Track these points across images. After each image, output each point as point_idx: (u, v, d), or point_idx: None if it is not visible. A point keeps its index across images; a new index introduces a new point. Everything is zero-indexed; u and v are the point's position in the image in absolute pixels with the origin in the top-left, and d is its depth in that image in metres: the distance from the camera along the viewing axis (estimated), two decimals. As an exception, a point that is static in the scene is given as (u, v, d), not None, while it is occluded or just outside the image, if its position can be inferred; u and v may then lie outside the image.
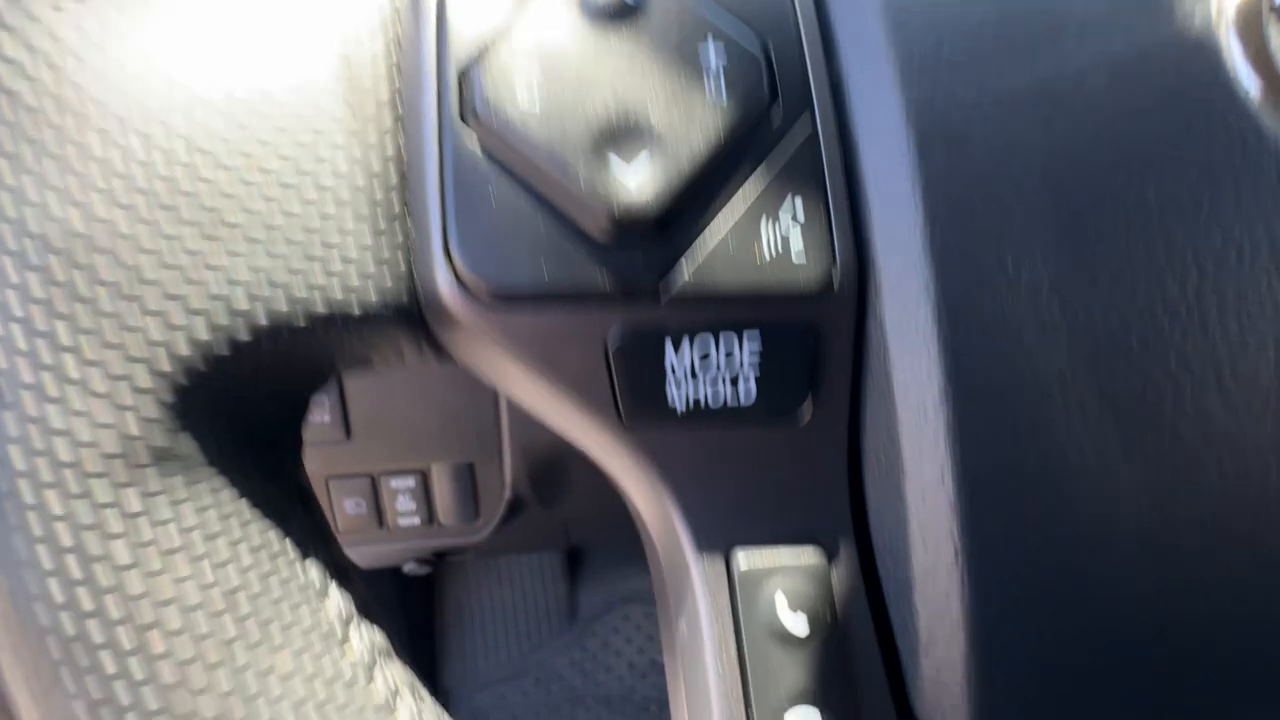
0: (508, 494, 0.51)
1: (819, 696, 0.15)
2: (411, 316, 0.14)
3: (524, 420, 0.48)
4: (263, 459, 0.15)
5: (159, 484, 0.12)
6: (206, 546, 0.13)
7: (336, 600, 0.15)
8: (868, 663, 0.15)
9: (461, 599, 0.84)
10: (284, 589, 0.14)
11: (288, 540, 0.14)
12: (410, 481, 0.50)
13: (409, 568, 0.69)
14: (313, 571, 0.14)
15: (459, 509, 0.51)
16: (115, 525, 0.12)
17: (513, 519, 0.56)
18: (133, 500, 0.12)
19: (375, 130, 0.14)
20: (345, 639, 0.14)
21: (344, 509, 0.51)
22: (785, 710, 0.15)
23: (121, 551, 0.12)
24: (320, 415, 0.46)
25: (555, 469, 0.51)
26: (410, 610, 0.81)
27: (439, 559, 0.69)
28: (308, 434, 0.48)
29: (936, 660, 0.14)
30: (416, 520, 0.52)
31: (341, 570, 0.15)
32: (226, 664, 0.13)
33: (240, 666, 0.13)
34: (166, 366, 0.12)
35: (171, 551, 0.12)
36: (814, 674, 0.15)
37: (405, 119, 0.14)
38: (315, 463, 0.50)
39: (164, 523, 0.12)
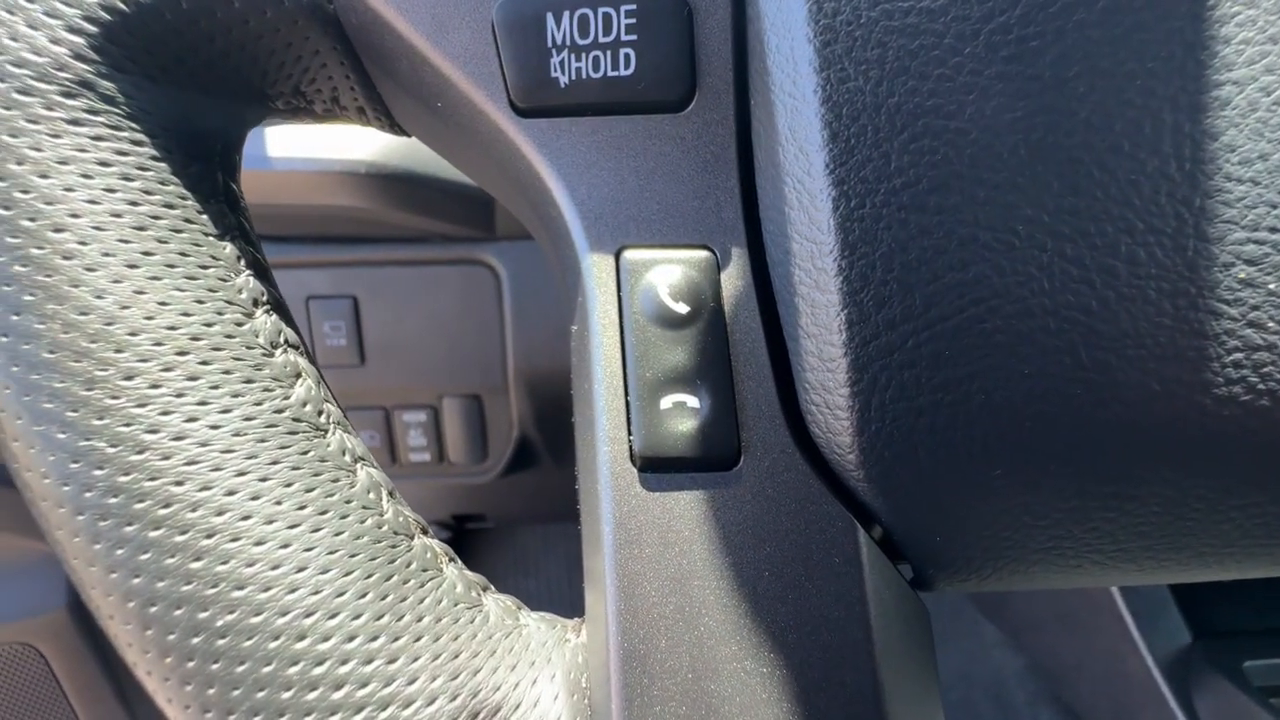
0: (515, 433, 0.52)
1: (698, 375, 0.14)
2: (327, 16, 0.15)
3: (528, 353, 0.49)
4: (192, 150, 0.16)
5: (78, 118, 0.14)
6: (121, 176, 0.14)
7: (246, 281, 0.15)
8: (749, 345, 0.14)
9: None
10: (193, 244, 0.14)
11: (206, 217, 0.15)
12: (422, 416, 0.51)
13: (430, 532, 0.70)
14: (226, 249, 0.15)
15: (468, 446, 0.52)
16: (34, 139, 0.13)
17: (523, 468, 0.57)
18: (57, 122, 0.13)
19: None
20: (250, 314, 0.15)
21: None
22: (663, 391, 0.14)
23: (33, 155, 0.13)
24: (336, 339, 0.48)
25: (560, 409, 0.51)
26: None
27: (459, 524, 0.70)
28: (325, 358, 0.51)
29: (818, 342, 0.13)
30: (427, 456, 0.53)
31: (262, 271, 0.16)
32: (119, 286, 0.13)
33: (133, 291, 0.14)
34: (85, 19, 0.14)
35: (83, 174, 0.13)
36: (693, 354, 0.14)
37: None
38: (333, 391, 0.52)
39: (78, 151, 0.13)
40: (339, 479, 0.15)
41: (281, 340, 0.16)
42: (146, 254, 0.14)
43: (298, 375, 0.15)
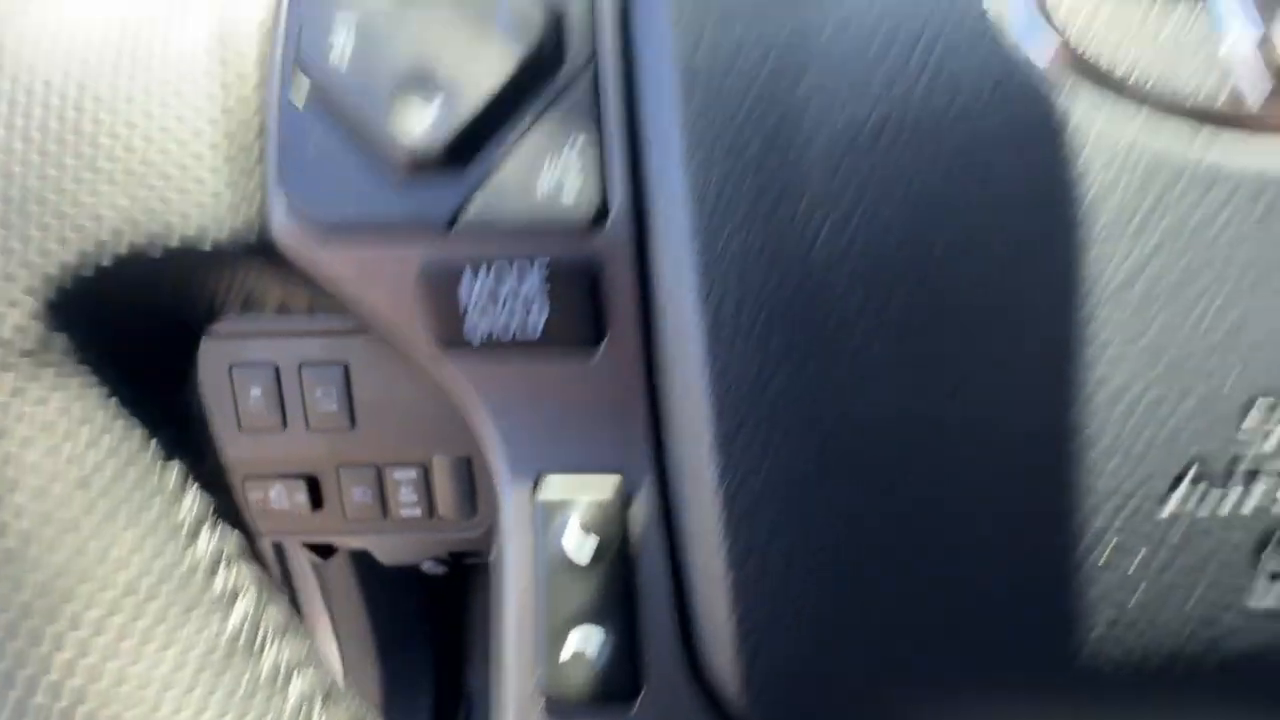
0: (503, 491, 0.53)
1: (603, 614, 0.15)
2: (262, 253, 0.16)
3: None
4: (143, 376, 0.17)
5: (29, 378, 0.15)
6: (65, 434, 0.15)
7: (192, 503, 0.16)
8: (654, 588, 0.15)
9: (490, 605, 0.86)
10: (138, 482, 0.16)
11: (153, 443, 0.16)
12: (412, 473, 0.52)
13: (427, 566, 0.71)
14: (172, 475, 0.16)
15: (458, 503, 0.53)
16: None
17: (513, 519, 0.58)
18: (3, 388, 0.14)
19: (245, 85, 0.16)
20: (194, 537, 0.16)
21: (352, 497, 0.54)
22: (568, 629, 0.15)
23: None
24: (328, 404, 0.49)
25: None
26: (437, 611, 0.83)
27: (455, 560, 0.71)
28: (317, 422, 0.52)
29: (707, 580, 0.14)
30: (417, 512, 0.54)
31: (216, 484, 0.17)
32: (66, 538, 0.15)
33: (80, 542, 0.15)
34: (37, 283, 0.15)
35: (31, 434, 0.15)
36: (597, 598, 0.15)
37: (268, 74, 0.16)
38: (325, 450, 0.53)
39: (28, 411, 0.15)
40: (271, 698, 0.16)
41: (223, 557, 0.17)
42: (92, 505, 0.15)
43: (236, 595, 0.16)
